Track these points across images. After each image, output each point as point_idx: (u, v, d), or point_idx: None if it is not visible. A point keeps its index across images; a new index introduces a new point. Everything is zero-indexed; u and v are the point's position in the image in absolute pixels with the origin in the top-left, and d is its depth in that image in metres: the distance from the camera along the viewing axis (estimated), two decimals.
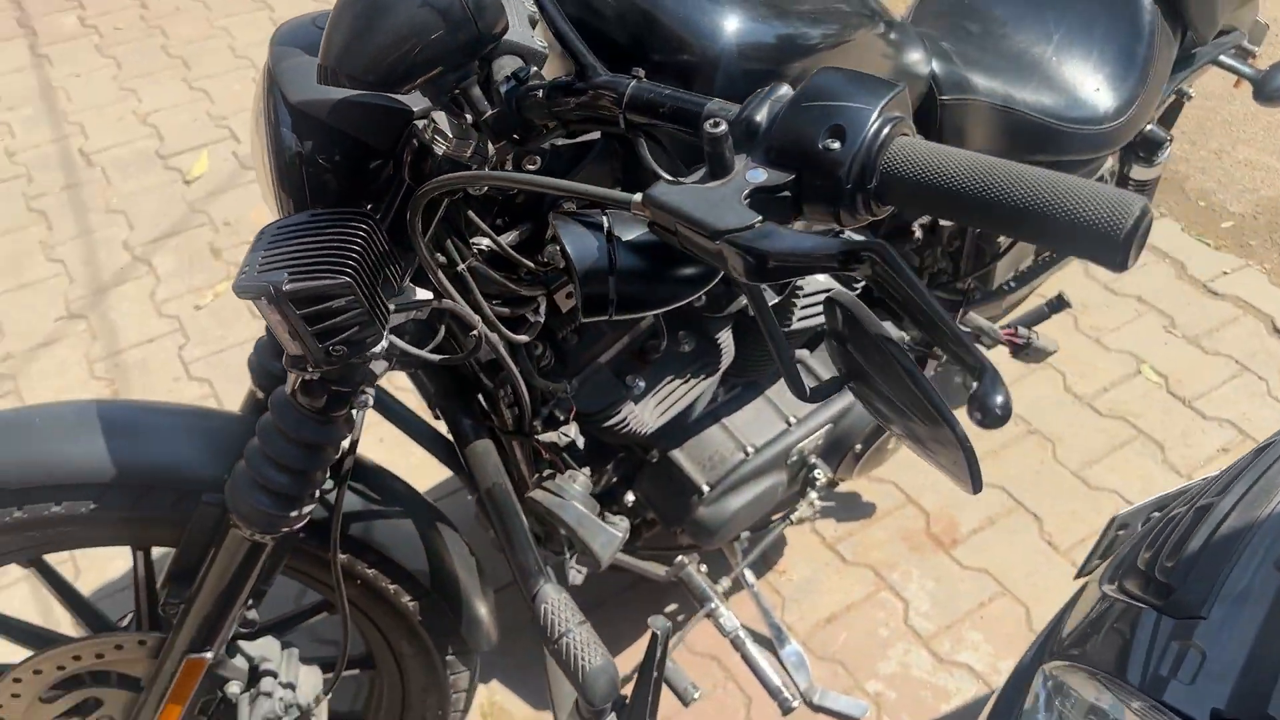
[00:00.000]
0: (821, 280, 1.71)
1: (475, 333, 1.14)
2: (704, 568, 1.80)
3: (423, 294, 1.10)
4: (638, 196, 0.73)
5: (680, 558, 1.80)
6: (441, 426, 1.50)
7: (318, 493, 1.23)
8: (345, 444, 1.24)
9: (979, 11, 1.86)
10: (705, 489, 1.69)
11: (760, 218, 0.70)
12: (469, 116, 0.93)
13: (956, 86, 1.60)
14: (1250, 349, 2.64)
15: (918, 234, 1.76)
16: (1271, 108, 2.10)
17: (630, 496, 1.77)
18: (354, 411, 1.16)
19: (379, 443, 2.37)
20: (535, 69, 0.94)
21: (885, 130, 0.71)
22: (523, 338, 1.25)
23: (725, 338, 1.56)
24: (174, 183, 3.09)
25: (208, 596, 1.26)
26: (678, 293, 0.79)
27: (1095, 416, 2.47)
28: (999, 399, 0.64)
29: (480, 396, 1.41)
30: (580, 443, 1.43)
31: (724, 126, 0.72)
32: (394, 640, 1.47)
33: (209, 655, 1.30)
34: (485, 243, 1.17)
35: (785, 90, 0.76)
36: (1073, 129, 1.75)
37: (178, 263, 2.83)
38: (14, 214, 2.99)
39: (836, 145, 0.70)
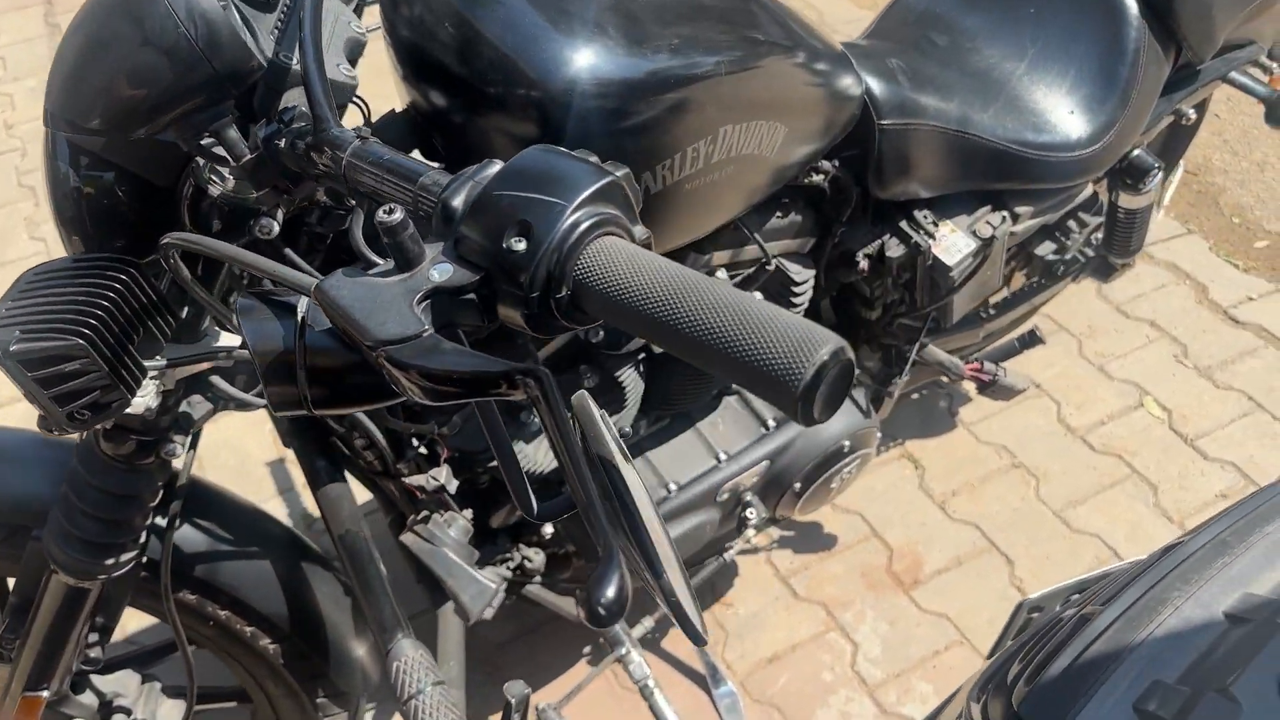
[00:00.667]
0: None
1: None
2: None
3: (228, 339, 1.02)
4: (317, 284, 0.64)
5: None
6: None
7: (143, 537, 1.16)
8: (182, 473, 1.18)
9: (949, 23, 1.71)
10: None
11: (428, 327, 0.60)
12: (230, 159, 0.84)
13: (899, 110, 1.47)
14: (1268, 385, 2.44)
15: (863, 265, 1.63)
16: None
17: (549, 528, 1.68)
18: (168, 459, 1.09)
19: None
20: (300, 108, 0.83)
21: (579, 230, 0.60)
22: None
23: (629, 375, 1.45)
24: None
25: (37, 636, 1.20)
26: (385, 389, 0.69)
27: (1087, 452, 2.31)
28: (609, 592, 0.53)
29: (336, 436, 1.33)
30: (452, 487, 1.34)
31: (399, 214, 0.61)
32: (260, 679, 1.41)
33: (45, 694, 1.25)
34: None
35: (493, 169, 0.65)
36: (1040, 156, 1.60)
37: None
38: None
39: (522, 245, 0.59)
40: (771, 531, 2.16)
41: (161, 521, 1.19)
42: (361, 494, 1.60)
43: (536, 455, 1.43)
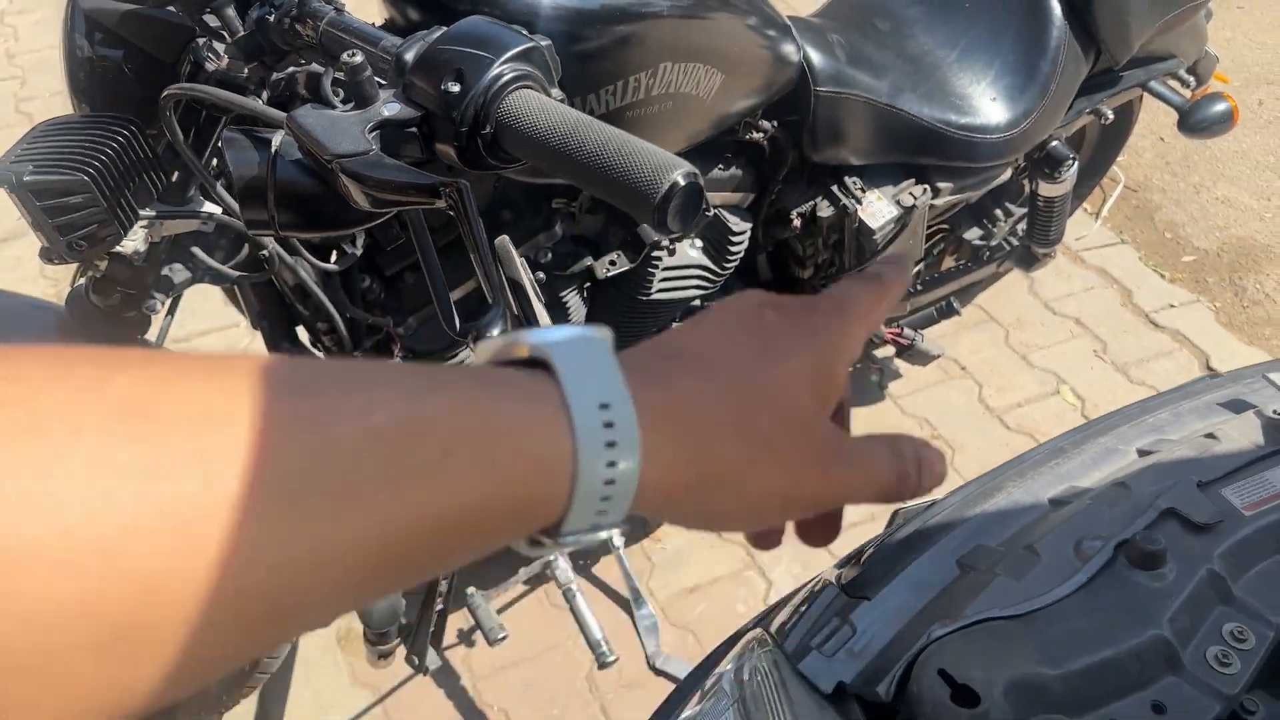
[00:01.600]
0: (693, 254, 1.75)
1: (265, 252, 1.20)
2: None
3: (212, 208, 1.16)
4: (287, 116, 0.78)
5: None
6: None
7: None
8: (159, 336, 1.31)
9: (892, 10, 1.87)
10: None
11: (374, 148, 0.74)
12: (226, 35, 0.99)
13: (834, 79, 1.62)
14: (1176, 382, 2.61)
15: (796, 223, 1.79)
16: (1192, 139, 2.08)
17: None
18: (149, 314, 1.23)
19: None
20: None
21: (503, 80, 0.75)
22: (331, 266, 1.30)
23: (573, 299, 1.60)
24: None
25: None
26: (341, 218, 0.83)
27: (1002, 430, 2.48)
28: (495, 333, 0.68)
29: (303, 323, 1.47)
30: None
31: (360, 58, 0.76)
32: None
33: None
34: None
35: (439, 33, 0.80)
36: (961, 135, 1.77)
37: None
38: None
39: (456, 88, 0.74)
40: None
41: None
42: None
43: None
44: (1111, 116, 2.04)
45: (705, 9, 1.34)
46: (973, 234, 2.15)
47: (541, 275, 1.50)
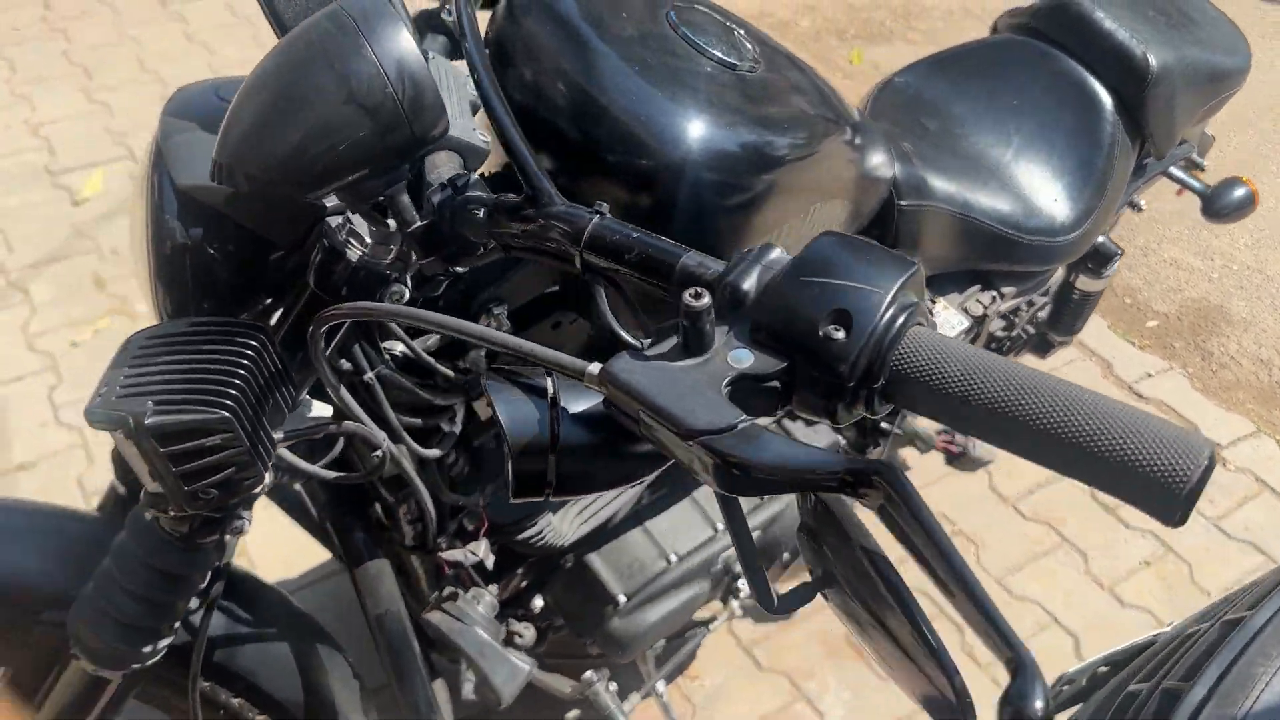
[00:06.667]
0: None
1: (379, 453, 0.99)
2: (613, 686, 1.66)
3: (320, 409, 0.95)
4: (594, 367, 0.60)
5: (588, 674, 1.65)
6: None
7: (178, 623, 1.06)
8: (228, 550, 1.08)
9: (937, 108, 1.78)
10: (622, 599, 1.56)
11: (745, 418, 0.57)
12: (391, 222, 0.79)
13: (915, 191, 1.51)
14: None
15: None
16: (1216, 224, 2.06)
17: (539, 601, 1.62)
18: (235, 537, 1.00)
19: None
20: (474, 175, 0.80)
21: (900, 320, 0.58)
22: (434, 453, 1.10)
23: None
24: (61, 201, 2.85)
25: None
26: (631, 473, 0.66)
27: (1019, 520, 2.40)
28: (1037, 703, 0.51)
29: (379, 509, 1.25)
30: (490, 562, 1.28)
31: (707, 299, 0.59)
32: None
33: None
34: (399, 348, 1.02)
35: (778, 255, 0.63)
36: (1030, 239, 1.68)
37: (57, 292, 2.60)
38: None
39: (841, 335, 0.58)
40: (736, 611, 2.15)
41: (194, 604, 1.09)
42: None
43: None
44: (1145, 206, 2.00)
45: (824, 136, 1.20)
46: (995, 326, 2.07)
47: None
